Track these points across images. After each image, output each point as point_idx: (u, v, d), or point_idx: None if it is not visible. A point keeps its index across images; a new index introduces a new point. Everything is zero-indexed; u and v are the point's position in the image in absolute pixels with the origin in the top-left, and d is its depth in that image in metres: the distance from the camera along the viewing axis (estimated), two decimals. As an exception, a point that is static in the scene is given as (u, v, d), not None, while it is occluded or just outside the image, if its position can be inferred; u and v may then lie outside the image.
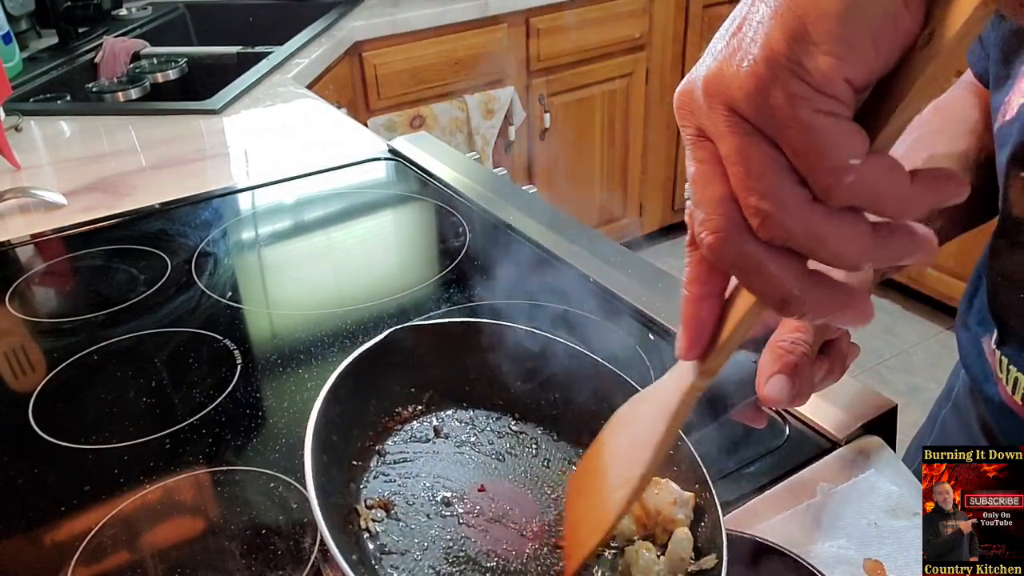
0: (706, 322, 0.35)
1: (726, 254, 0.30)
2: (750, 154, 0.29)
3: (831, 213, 0.28)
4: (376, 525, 0.43)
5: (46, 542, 0.58)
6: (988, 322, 0.61)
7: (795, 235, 0.28)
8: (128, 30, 1.89)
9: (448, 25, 2.15)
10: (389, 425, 0.49)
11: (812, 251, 0.29)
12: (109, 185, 1.14)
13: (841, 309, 0.30)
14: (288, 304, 0.87)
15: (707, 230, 0.30)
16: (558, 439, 0.51)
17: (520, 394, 0.52)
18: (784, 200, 0.28)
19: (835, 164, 0.27)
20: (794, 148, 0.28)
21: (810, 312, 0.30)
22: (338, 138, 1.28)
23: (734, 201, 0.29)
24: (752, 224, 0.29)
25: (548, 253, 0.90)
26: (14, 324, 0.84)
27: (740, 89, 0.28)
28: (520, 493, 0.47)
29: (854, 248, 0.29)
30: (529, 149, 2.48)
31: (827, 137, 0.27)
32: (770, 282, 0.30)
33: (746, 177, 0.29)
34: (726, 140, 0.29)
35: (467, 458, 0.48)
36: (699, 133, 0.31)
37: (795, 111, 0.27)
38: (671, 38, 2.63)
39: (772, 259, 0.29)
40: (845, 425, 0.62)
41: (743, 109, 0.28)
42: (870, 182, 0.27)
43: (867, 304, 0.31)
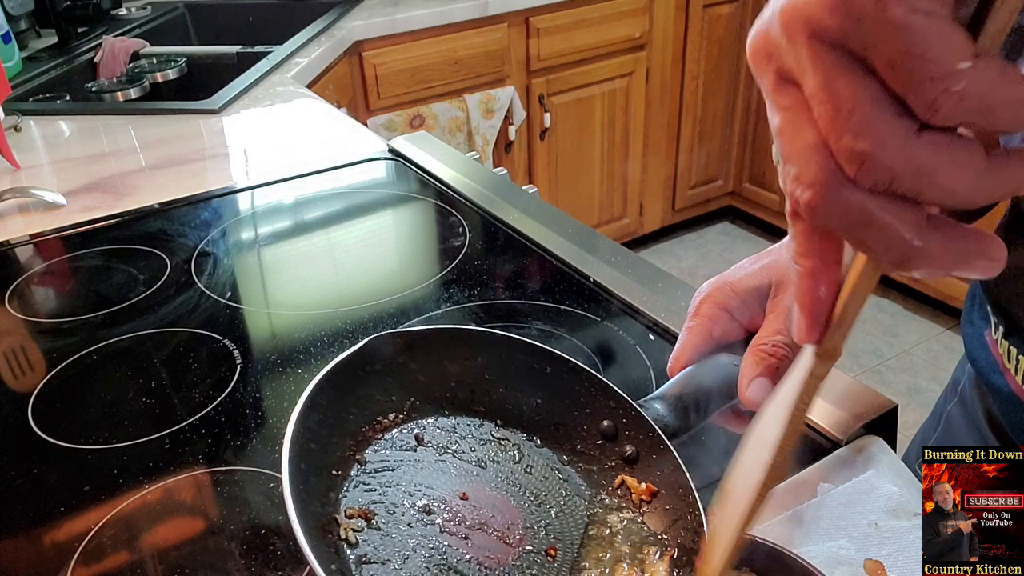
0: (824, 298, 0.30)
1: (828, 210, 0.26)
2: (838, 86, 0.25)
3: (938, 142, 0.24)
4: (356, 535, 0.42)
5: (46, 542, 0.58)
6: (990, 315, 0.61)
7: (900, 174, 0.25)
8: (127, 30, 1.89)
9: (448, 25, 2.15)
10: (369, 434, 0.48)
11: (921, 191, 0.25)
12: (109, 185, 1.14)
13: (971, 258, 0.26)
14: (288, 304, 0.87)
15: (802, 186, 0.26)
16: (540, 445, 0.50)
17: (502, 400, 0.51)
18: (882, 135, 0.24)
19: (940, 70, 0.23)
20: (890, 60, 0.24)
21: (936, 263, 0.26)
22: (338, 138, 1.28)
23: (828, 148, 0.26)
24: (849, 170, 0.25)
25: (548, 253, 0.90)
26: (13, 324, 0.84)
27: (819, 3, 0.25)
28: (503, 500, 0.46)
29: (967, 179, 0.25)
30: (529, 149, 2.48)
31: (928, 39, 0.23)
32: (885, 235, 0.26)
33: (836, 114, 0.25)
34: (810, 75, 0.25)
35: (449, 466, 0.48)
36: (780, 77, 0.27)
37: (886, 12, 0.23)
38: (671, 38, 2.63)
39: (883, 208, 0.25)
40: (845, 425, 0.62)
41: (828, 28, 0.25)
42: (982, 88, 0.23)
43: (999, 248, 0.27)
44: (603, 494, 0.48)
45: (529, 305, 0.81)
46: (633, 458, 0.48)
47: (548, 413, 0.51)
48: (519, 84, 2.36)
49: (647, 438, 0.47)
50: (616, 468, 0.48)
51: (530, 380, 0.51)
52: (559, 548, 0.45)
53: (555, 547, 0.45)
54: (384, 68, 2.09)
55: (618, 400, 0.49)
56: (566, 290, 0.83)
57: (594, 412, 0.49)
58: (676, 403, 0.49)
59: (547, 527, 0.46)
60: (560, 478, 0.49)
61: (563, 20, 2.34)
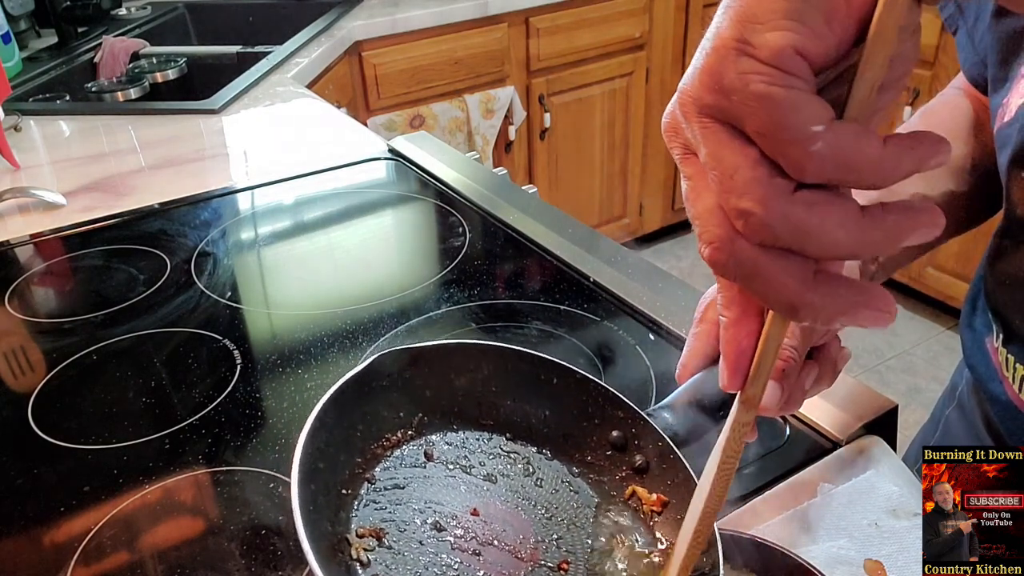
0: (745, 347, 0.33)
1: (725, 264, 0.29)
2: (723, 155, 0.28)
3: (811, 200, 0.27)
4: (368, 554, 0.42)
5: (46, 542, 0.58)
6: (991, 322, 0.61)
7: (779, 231, 0.27)
8: (127, 30, 1.89)
9: (448, 25, 2.15)
10: (378, 451, 0.47)
11: (802, 245, 0.27)
12: (108, 185, 1.14)
13: (857, 309, 0.29)
14: (288, 304, 0.87)
15: (703, 242, 0.29)
16: (551, 457, 0.50)
17: (510, 413, 0.51)
18: (761, 195, 0.27)
19: (798, 134, 0.26)
20: (757, 129, 0.27)
21: (823, 315, 0.29)
22: (338, 138, 1.28)
23: (722, 209, 0.28)
24: (738, 227, 0.28)
25: (548, 253, 0.90)
26: (14, 324, 0.84)
27: (700, 85, 0.28)
28: (514, 514, 0.46)
29: (844, 233, 0.27)
30: (529, 149, 2.48)
31: (785, 107, 0.26)
32: (773, 287, 0.28)
33: (723, 179, 0.28)
34: (702, 147, 0.29)
35: (459, 481, 0.47)
36: (685, 150, 0.30)
37: (748, 87, 0.26)
38: (671, 38, 2.63)
39: (770, 262, 0.28)
40: (845, 425, 0.62)
41: (709, 105, 0.28)
42: (838, 148, 0.26)
43: (886, 301, 0.29)
44: (614, 506, 0.48)
45: (529, 305, 0.81)
46: (643, 468, 0.48)
47: (557, 425, 0.50)
48: (519, 84, 2.35)
49: (657, 447, 0.47)
50: (627, 479, 0.48)
51: (537, 392, 0.50)
52: (571, 562, 0.45)
53: (567, 560, 0.45)
54: (384, 68, 2.09)
55: (626, 410, 0.48)
56: (566, 290, 0.83)
57: (603, 422, 0.49)
58: (685, 411, 0.48)
59: (558, 540, 0.46)
60: (571, 490, 0.48)
61: (563, 20, 2.34)
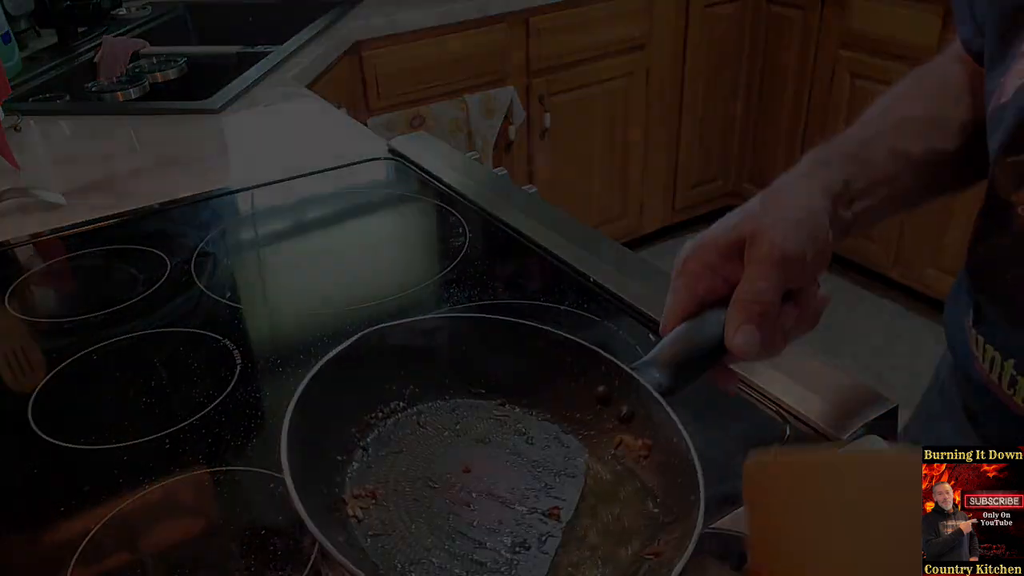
0: None
1: None
2: None
3: None
4: (363, 512, 0.44)
5: (46, 542, 0.58)
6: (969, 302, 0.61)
7: None
8: (128, 29, 1.89)
9: (448, 25, 2.15)
10: (371, 421, 0.50)
11: None
12: (108, 185, 1.14)
13: None
14: (288, 304, 0.87)
15: None
16: (541, 419, 0.52)
17: (499, 379, 0.53)
18: None
19: None
20: None
21: None
22: (338, 138, 1.28)
23: None
24: None
25: (548, 253, 0.90)
26: (13, 324, 0.84)
27: None
28: (504, 468, 0.48)
29: None
30: (529, 149, 2.48)
31: None
32: None
33: None
34: None
35: (451, 444, 0.50)
36: None
37: None
38: (671, 38, 2.63)
39: None
40: (845, 425, 0.62)
41: None
42: None
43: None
44: (603, 455, 0.50)
45: (529, 305, 0.81)
46: (628, 417, 0.50)
47: (544, 386, 0.53)
48: (519, 84, 2.35)
49: (639, 396, 0.49)
50: (615, 430, 0.50)
51: (524, 356, 0.53)
52: (562, 507, 0.46)
53: (558, 507, 0.46)
54: (384, 68, 2.09)
55: (609, 365, 0.51)
56: (566, 290, 0.83)
57: (588, 380, 0.51)
58: (669, 363, 0.50)
59: (548, 489, 0.48)
60: (561, 445, 0.51)
61: (563, 20, 2.34)
